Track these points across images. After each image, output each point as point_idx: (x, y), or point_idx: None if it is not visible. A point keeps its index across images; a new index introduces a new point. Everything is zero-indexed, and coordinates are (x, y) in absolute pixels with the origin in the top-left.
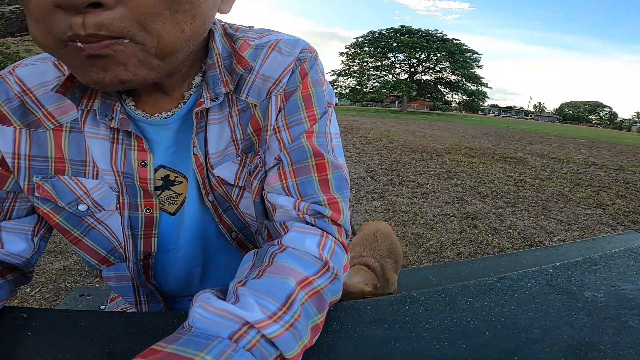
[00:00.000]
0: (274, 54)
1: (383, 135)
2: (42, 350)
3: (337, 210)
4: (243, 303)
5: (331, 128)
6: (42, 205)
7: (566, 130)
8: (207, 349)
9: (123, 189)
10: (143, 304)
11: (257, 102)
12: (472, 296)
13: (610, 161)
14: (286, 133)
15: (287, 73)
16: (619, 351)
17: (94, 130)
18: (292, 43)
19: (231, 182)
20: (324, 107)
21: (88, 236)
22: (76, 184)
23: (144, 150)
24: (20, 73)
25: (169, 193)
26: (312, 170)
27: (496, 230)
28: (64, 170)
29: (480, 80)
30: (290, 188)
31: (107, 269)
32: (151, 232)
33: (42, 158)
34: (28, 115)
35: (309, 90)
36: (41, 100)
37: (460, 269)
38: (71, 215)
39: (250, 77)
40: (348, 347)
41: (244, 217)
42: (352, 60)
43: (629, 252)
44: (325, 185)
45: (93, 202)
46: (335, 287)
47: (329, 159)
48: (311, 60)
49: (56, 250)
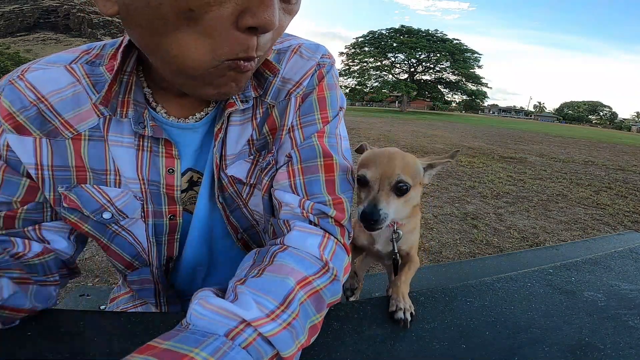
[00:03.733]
0: (296, 58)
1: (383, 135)
2: (42, 350)
3: (341, 210)
4: (241, 301)
5: (341, 131)
6: (69, 215)
7: (566, 130)
8: (202, 346)
9: (148, 197)
10: (163, 305)
11: (275, 103)
12: (472, 296)
13: (610, 161)
14: (299, 132)
15: (308, 76)
16: (618, 351)
17: (118, 138)
18: (313, 48)
19: (243, 180)
20: (336, 110)
21: (114, 243)
22: (99, 193)
23: (172, 157)
24: (31, 78)
25: (191, 193)
26: (319, 170)
27: (496, 230)
28: (86, 179)
29: (480, 80)
30: (297, 186)
31: (131, 273)
32: (174, 236)
33: (65, 167)
34: (46, 124)
35: (324, 93)
36: (57, 108)
37: (460, 269)
38: (97, 224)
39: (276, 80)
40: (348, 347)
41: (253, 214)
42: (352, 60)
43: (629, 252)
44: (331, 186)
45: (117, 210)
46: (335, 287)
47: (337, 159)
48: (329, 65)
49: None
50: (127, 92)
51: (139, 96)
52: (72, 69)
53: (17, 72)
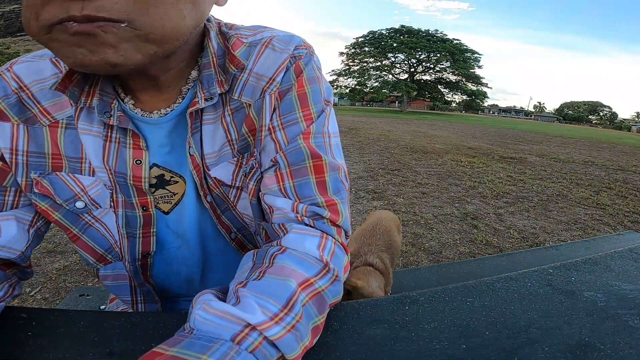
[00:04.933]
0: (268, 52)
1: (383, 135)
2: (42, 350)
3: (335, 212)
4: (244, 305)
5: (329, 127)
6: (40, 202)
7: (566, 130)
8: (210, 352)
9: (116, 187)
10: (139, 303)
11: (252, 102)
12: (472, 296)
13: (610, 161)
14: (282, 133)
15: (280, 71)
16: (618, 351)
17: (87, 127)
18: (286, 40)
19: (228, 182)
20: (320, 105)
21: (86, 234)
22: (73, 181)
23: (140, 149)
24: (17, 69)
25: (163, 192)
26: (309, 172)
27: (496, 230)
28: (62, 167)
29: (480, 80)
30: (287, 190)
31: (104, 267)
32: (149, 231)
33: (40, 154)
34: (25, 111)
35: (305, 88)
36: (37, 96)
37: (460, 269)
38: (69, 213)
39: (243, 75)
40: (348, 347)
41: (243, 217)
42: (352, 60)
43: (629, 252)
44: (322, 187)
45: (90, 199)
46: (336, 288)
47: (326, 160)
48: (306, 56)
49: (56, 250)
50: (95, 82)
51: (107, 87)
52: (57, 61)
53: (7, 65)
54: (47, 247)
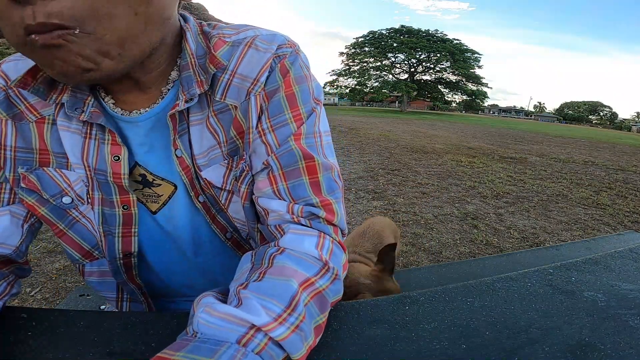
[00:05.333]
0: (251, 52)
1: (383, 135)
2: (42, 350)
3: (330, 211)
4: (247, 306)
5: (320, 126)
6: (27, 196)
7: (566, 130)
8: (218, 355)
9: (94, 184)
10: (125, 301)
11: (238, 104)
12: (472, 296)
13: (611, 161)
14: (272, 136)
15: (264, 71)
16: (619, 351)
17: (66, 124)
18: (269, 39)
19: (218, 185)
20: (310, 104)
21: (72, 229)
22: (60, 176)
23: (118, 144)
24: (4, 68)
25: (149, 191)
26: (302, 173)
27: (496, 230)
28: (49, 162)
29: (480, 80)
30: (281, 192)
31: (90, 263)
32: (130, 230)
33: (27, 150)
34: (12, 108)
35: (293, 88)
36: (24, 93)
37: (460, 269)
38: (56, 208)
39: (224, 76)
40: (348, 347)
41: (234, 222)
42: (352, 60)
43: (629, 252)
44: (316, 188)
45: (76, 194)
46: (337, 287)
47: (319, 160)
48: (292, 55)
49: (56, 250)
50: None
51: (82, 85)
52: None
53: None
54: (47, 247)
